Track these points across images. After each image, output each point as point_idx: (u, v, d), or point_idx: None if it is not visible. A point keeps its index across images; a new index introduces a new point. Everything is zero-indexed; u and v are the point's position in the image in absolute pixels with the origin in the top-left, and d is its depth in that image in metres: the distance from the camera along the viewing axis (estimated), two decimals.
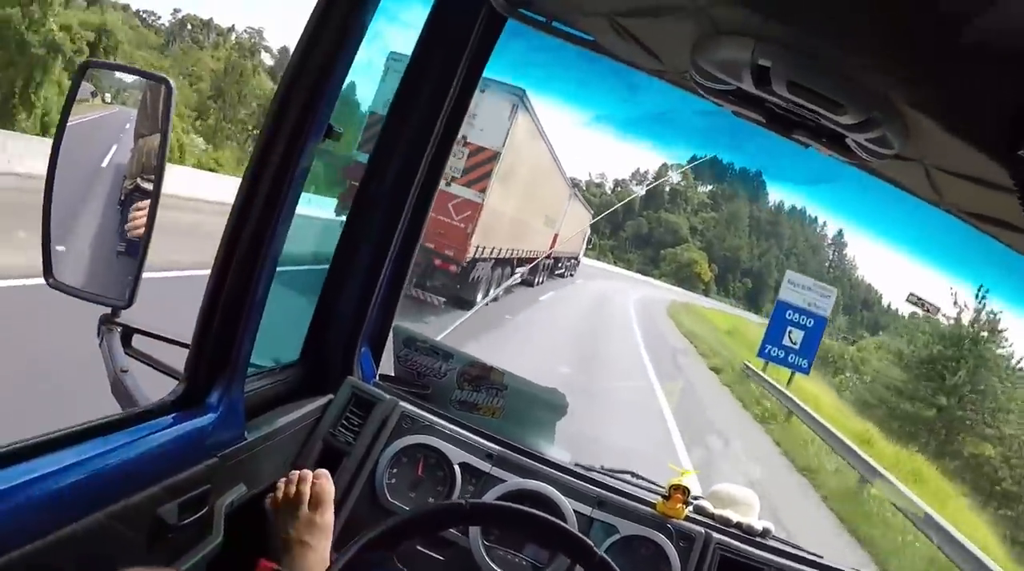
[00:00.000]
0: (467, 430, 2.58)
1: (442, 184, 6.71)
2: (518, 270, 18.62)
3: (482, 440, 2.56)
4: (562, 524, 1.82)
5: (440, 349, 2.78)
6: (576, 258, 30.17)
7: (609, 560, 1.64)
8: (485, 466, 2.49)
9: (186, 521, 1.69)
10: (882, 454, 19.97)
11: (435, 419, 2.57)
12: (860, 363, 41.96)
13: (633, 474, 2.79)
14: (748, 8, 1.47)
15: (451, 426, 2.57)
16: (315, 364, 2.56)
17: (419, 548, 2.33)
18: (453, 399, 2.77)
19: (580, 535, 1.76)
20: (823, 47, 1.48)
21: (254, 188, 1.72)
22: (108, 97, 35.71)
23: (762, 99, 1.72)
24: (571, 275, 29.95)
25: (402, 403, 2.56)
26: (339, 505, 2.35)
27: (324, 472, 2.20)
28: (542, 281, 23.83)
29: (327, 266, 2.60)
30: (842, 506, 13.75)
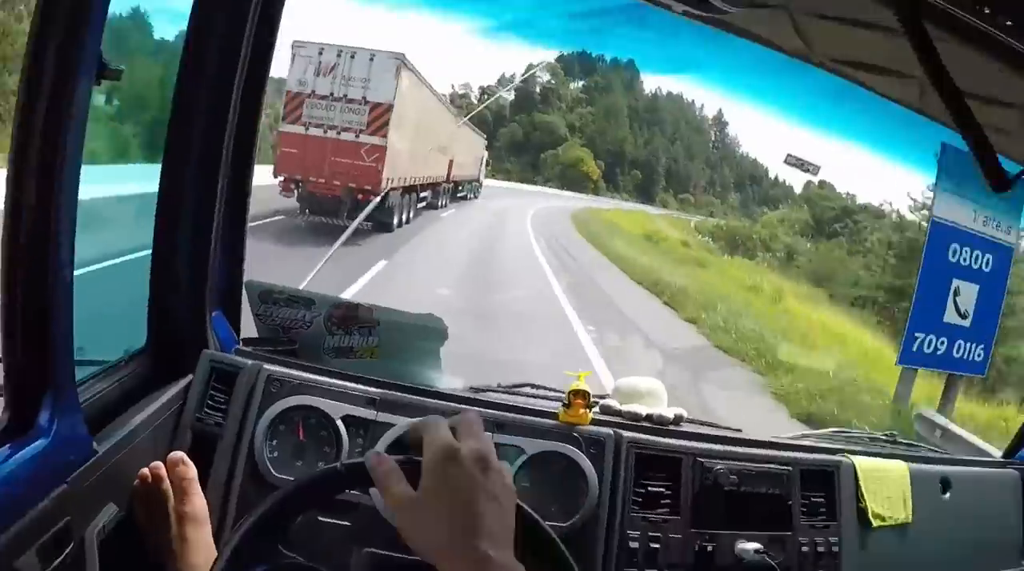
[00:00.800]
0: (344, 379, 2.41)
1: (351, 136, 14.02)
2: (422, 194, 22.67)
3: (362, 386, 2.39)
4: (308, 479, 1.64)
5: (300, 297, 2.56)
6: (478, 181, 33.24)
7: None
8: (370, 413, 2.34)
9: (52, 565, 1.51)
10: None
11: (306, 375, 2.38)
12: (769, 240, 42.80)
13: (532, 385, 2.73)
14: None
15: (324, 379, 2.39)
16: (165, 345, 2.31)
17: (320, 518, 2.18)
18: (327, 348, 2.58)
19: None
20: None
21: (23, 160, 1.42)
22: None
23: None
24: (474, 197, 32.63)
25: (267, 365, 2.36)
26: (225, 491, 2.21)
27: (178, 456, 2.03)
28: (445, 203, 26.85)
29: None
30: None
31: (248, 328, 2.64)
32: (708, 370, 13.58)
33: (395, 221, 19.05)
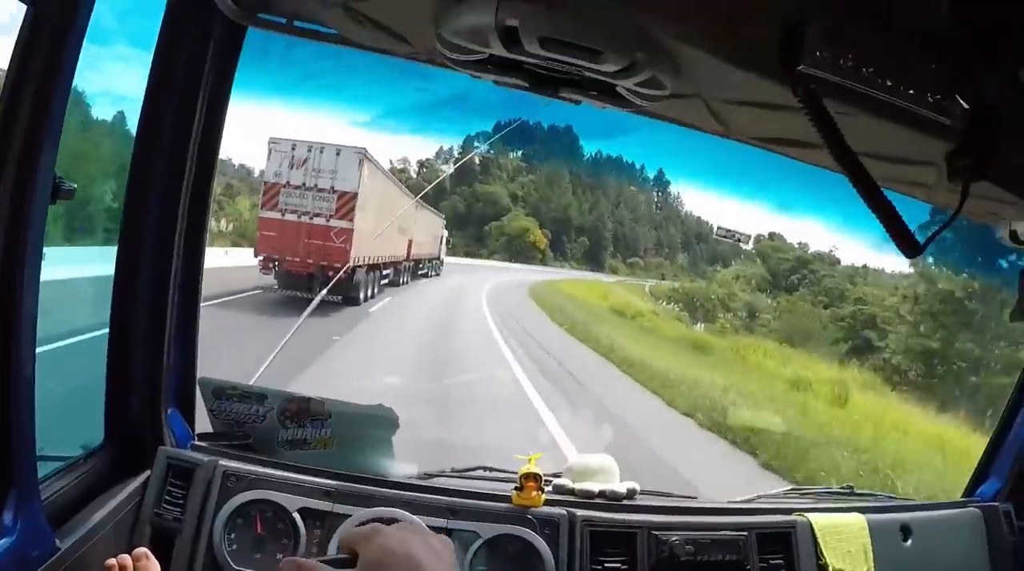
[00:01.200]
0: (300, 472, 2.44)
1: (323, 221, 15.61)
2: (385, 272, 24.49)
3: (317, 479, 2.43)
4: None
5: (252, 392, 2.60)
6: (439, 259, 35.63)
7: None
8: (326, 505, 2.37)
9: None
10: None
11: (262, 470, 2.42)
12: (728, 299, 42.34)
13: (485, 468, 2.75)
14: None
15: (280, 472, 2.42)
16: (122, 441, 2.33)
17: None
18: (280, 440, 2.60)
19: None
20: None
21: None
22: None
23: (519, 62, 1.66)
24: (436, 274, 34.50)
25: (223, 461, 2.39)
26: None
27: (142, 551, 2.02)
28: (406, 281, 28.30)
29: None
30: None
31: (202, 423, 2.64)
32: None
33: (361, 296, 21.02)
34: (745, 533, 2.54)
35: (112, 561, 1.96)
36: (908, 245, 1.32)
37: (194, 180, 2.35)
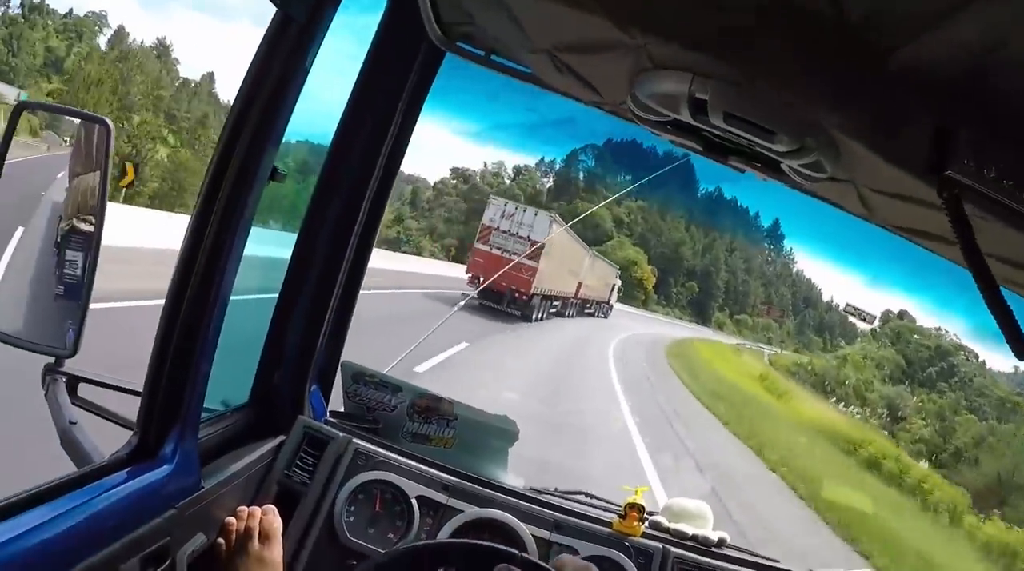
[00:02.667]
0: (422, 463, 2.58)
1: (515, 256, 23.21)
2: (554, 304, 32.21)
3: (437, 472, 2.56)
4: (465, 541, 1.83)
5: (389, 383, 2.79)
6: (607, 303, 43.46)
7: (530, 558, 1.65)
8: (442, 498, 2.50)
9: None
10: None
11: (389, 454, 2.57)
12: (864, 388, 38.13)
13: (587, 494, 2.82)
14: (685, 45, 1.50)
15: (405, 460, 2.57)
16: (266, 405, 2.53)
17: None
18: (405, 432, 2.78)
19: (493, 545, 1.76)
20: (757, 79, 1.52)
21: (201, 232, 1.69)
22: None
23: (699, 128, 1.75)
24: (603, 316, 42.40)
25: (355, 440, 2.56)
26: (299, 546, 2.37)
27: (271, 507, 2.19)
28: (572, 315, 35.76)
29: (273, 300, 2.57)
30: None
31: (335, 403, 2.84)
32: None
33: (534, 316, 28.81)
34: None
35: (244, 508, 2.14)
36: (1019, 346, 1.39)
37: (377, 185, 2.56)
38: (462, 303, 3.77)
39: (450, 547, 1.83)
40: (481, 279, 26.10)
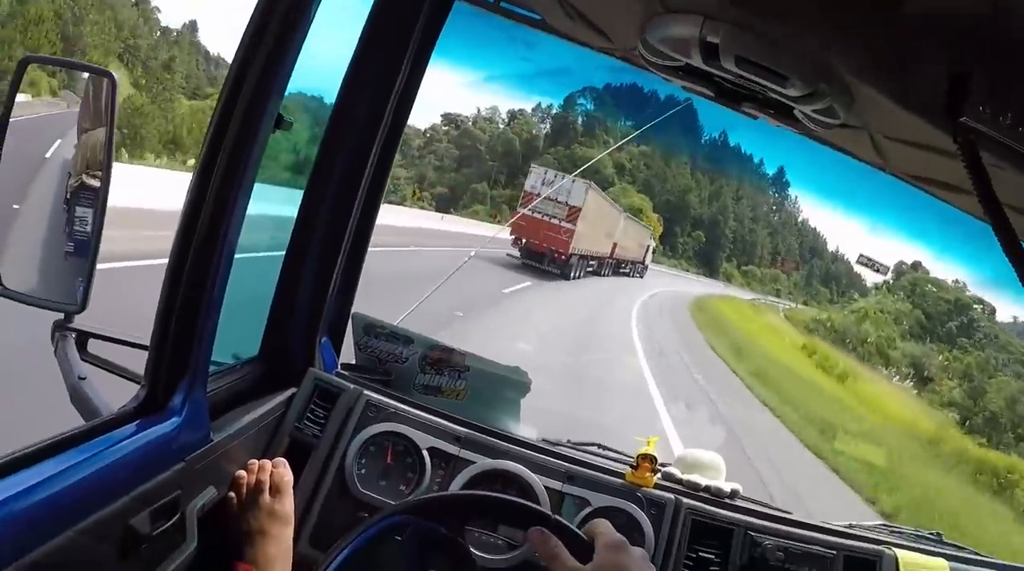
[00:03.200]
0: (433, 414, 2.58)
1: (556, 222, 29.02)
2: (591, 263, 34.54)
3: (449, 423, 2.56)
4: (506, 497, 1.83)
5: (400, 334, 2.78)
6: (642, 263, 45.18)
7: (563, 520, 1.65)
8: (454, 449, 2.50)
9: (159, 530, 1.66)
10: None
11: (400, 405, 2.56)
12: (887, 345, 36.32)
13: (600, 446, 2.82)
14: None
15: (417, 411, 2.57)
16: (276, 358, 2.53)
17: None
18: (416, 384, 2.78)
19: (528, 503, 1.76)
20: (769, 22, 1.49)
21: (205, 182, 1.67)
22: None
23: (711, 74, 1.73)
24: (639, 276, 43.95)
25: (366, 392, 2.55)
26: (311, 498, 2.38)
27: (282, 460, 2.20)
28: (607, 273, 37.70)
29: (282, 255, 2.56)
30: None
31: (346, 356, 2.84)
32: None
33: (572, 274, 31.10)
34: (834, 553, 2.58)
35: (254, 461, 2.15)
36: None
37: (385, 136, 2.53)
38: (467, 259, 3.72)
39: (484, 500, 1.82)
40: (522, 239, 30.07)
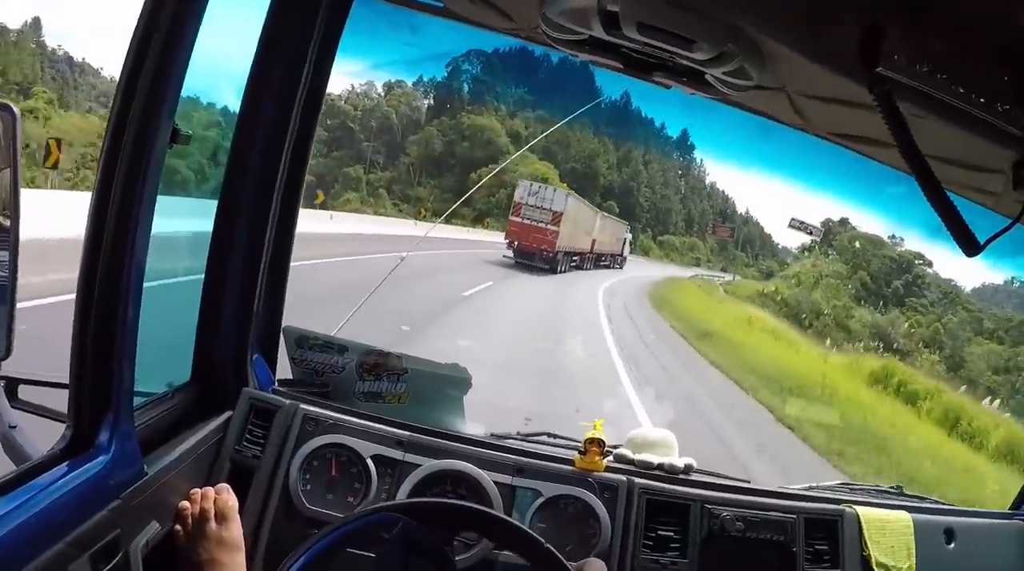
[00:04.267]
0: (374, 421, 2.54)
1: (543, 225, 32.37)
2: (574, 258, 36.51)
3: (391, 429, 2.52)
4: (505, 517, 1.80)
5: (334, 343, 2.72)
6: (621, 255, 46.16)
7: (553, 550, 1.61)
8: (398, 454, 2.47)
9: None
10: None
11: (340, 416, 2.52)
12: (845, 316, 34.49)
13: (549, 434, 2.82)
14: None
15: (357, 420, 2.52)
16: (208, 381, 2.46)
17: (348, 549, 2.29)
18: (356, 392, 2.72)
19: (523, 527, 1.73)
20: None
21: (103, 206, 1.60)
22: None
23: (616, 45, 1.72)
24: (619, 267, 44.97)
25: (303, 406, 2.50)
26: (258, 520, 2.34)
27: (225, 486, 2.17)
28: (589, 268, 39.67)
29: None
30: None
31: (282, 371, 2.77)
32: None
33: (558, 269, 33.24)
34: (794, 517, 2.59)
35: (197, 490, 2.10)
36: (969, 244, 1.36)
37: (296, 137, 2.46)
38: (397, 265, 3.65)
39: (484, 516, 1.78)
40: (515, 242, 33.10)
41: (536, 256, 32.82)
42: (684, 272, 48.90)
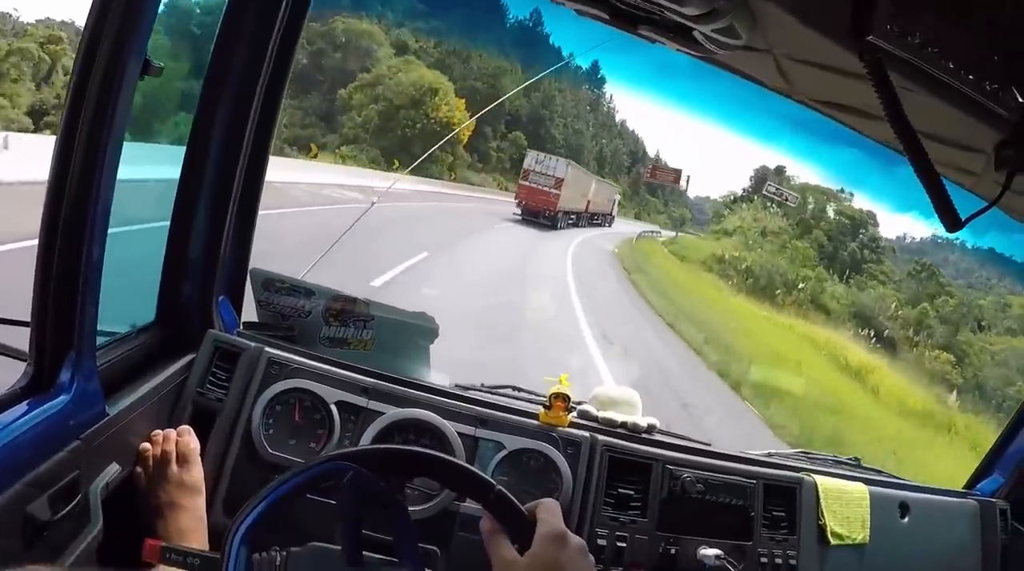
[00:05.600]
0: (339, 367, 2.53)
1: (546, 189, 36.95)
2: (571, 217, 40.03)
3: (356, 375, 2.51)
4: (455, 461, 1.78)
5: (301, 287, 2.69)
6: (611, 214, 49.47)
7: (506, 492, 1.61)
8: (362, 401, 2.46)
9: (60, 514, 1.61)
10: None
11: (305, 360, 2.50)
12: (821, 292, 31.06)
13: (514, 388, 2.84)
14: None
15: (322, 365, 2.51)
16: (173, 322, 2.42)
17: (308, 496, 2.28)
18: (322, 337, 2.70)
19: (474, 470, 1.72)
20: None
21: (70, 140, 1.56)
22: None
23: None
24: (608, 226, 47.78)
25: (268, 349, 2.48)
26: (220, 464, 2.33)
27: (186, 428, 2.17)
28: (584, 225, 42.88)
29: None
30: None
31: (249, 313, 2.74)
32: None
33: (558, 226, 37.29)
34: (754, 482, 2.64)
35: (158, 432, 2.10)
36: (951, 220, 1.36)
37: (270, 76, 2.41)
38: (368, 207, 3.59)
39: (430, 459, 1.77)
40: (523, 202, 37.34)
41: (540, 214, 36.90)
42: (628, 227, 47.65)
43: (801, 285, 32.52)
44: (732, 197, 46.69)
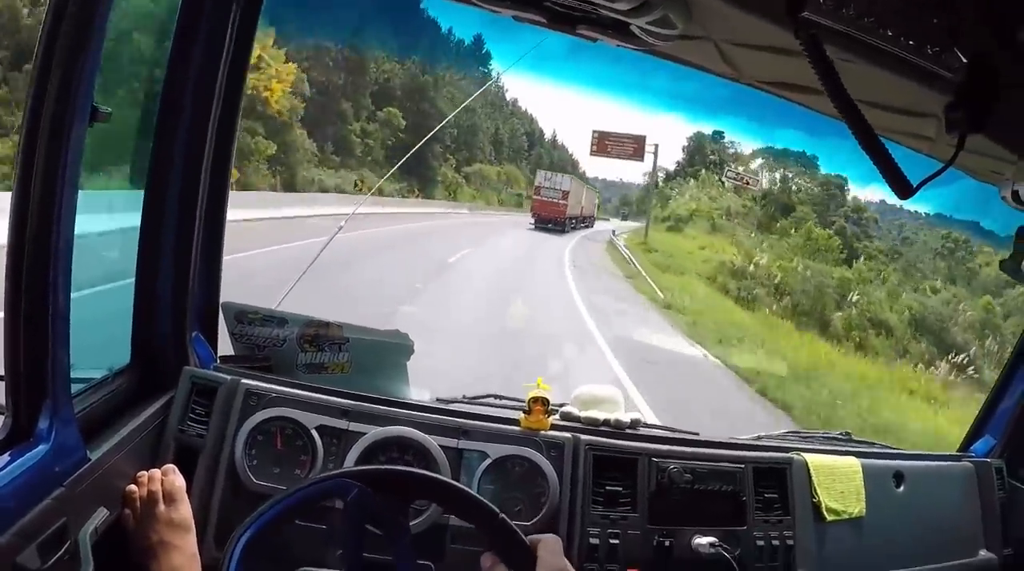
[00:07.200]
0: (318, 392, 2.53)
1: (555, 201, 41.64)
2: (573, 221, 43.85)
3: (335, 398, 2.52)
4: (461, 487, 1.79)
5: (273, 316, 2.71)
6: (592, 217, 53.21)
7: (508, 520, 1.61)
8: (343, 424, 2.46)
9: (50, 561, 1.61)
10: None
11: (282, 388, 2.50)
12: (782, 272, 25.17)
13: (495, 396, 2.84)
14: None
15: (300, 392, 2.51)
16: (148, 362, 2.42)
17: (297, 522, 2.28)
18: (299, 364, 2.71)
19: (478, 497, 1.72)
20: None
21: (26, 190, 1.56)
22: None
23: None
24: (589, 226, 50.16)
25: (245, 381, 2.48)
26: (207, 499, 2.32)
27: (171, 467, 2.16)
28: (581, 228, 46.96)
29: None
30: None
31: (224, 347, 2.74)
32: None
33: (565, 230, 41.23)
34: (743, 466, 2.65)
35: (143, 473, 2.10)
36: (901, 187, 1.37)
37: (221, 110, 2.40)
38: (336, 230, 3.57)
39: (437, 484, 1.77)
40: (536, 213, 41.95)
41: (551, 222, 41.34)
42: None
43: (856, 298, 25.16)
44: (665, 174, 46.49)
